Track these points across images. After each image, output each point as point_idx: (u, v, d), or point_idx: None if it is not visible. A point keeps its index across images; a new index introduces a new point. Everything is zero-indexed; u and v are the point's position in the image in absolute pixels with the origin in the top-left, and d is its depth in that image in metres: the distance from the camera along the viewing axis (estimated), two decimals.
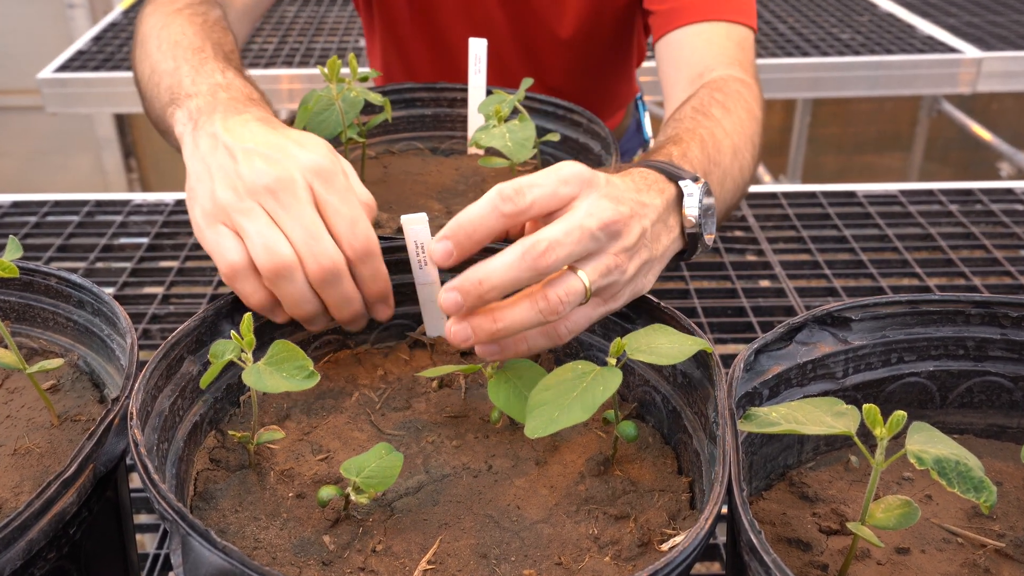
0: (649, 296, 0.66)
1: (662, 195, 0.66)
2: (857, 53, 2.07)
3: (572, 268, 0.58)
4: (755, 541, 0.46)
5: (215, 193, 0.64)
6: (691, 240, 0.68)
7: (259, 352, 0.58)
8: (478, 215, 0.57)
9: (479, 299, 0.56)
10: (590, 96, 1.29)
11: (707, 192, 0.69)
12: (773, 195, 1.35)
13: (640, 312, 0.66)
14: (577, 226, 0.57)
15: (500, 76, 1.23)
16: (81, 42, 2.21)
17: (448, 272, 0.71)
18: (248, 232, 0.62)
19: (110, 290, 1.11)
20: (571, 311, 0.59)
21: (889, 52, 2.08)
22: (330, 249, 0.62)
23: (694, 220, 0.67)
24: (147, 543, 1.11)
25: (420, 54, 1.27)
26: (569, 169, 0.60)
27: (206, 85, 0.75)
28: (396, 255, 0.71)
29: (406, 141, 1.08)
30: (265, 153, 0.64)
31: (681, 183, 0.68)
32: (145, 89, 0.87)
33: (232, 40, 0.92)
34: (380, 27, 1.28)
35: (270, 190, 0.62)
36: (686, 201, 0.67)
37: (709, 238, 0.69)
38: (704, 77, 0.95)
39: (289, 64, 2.08)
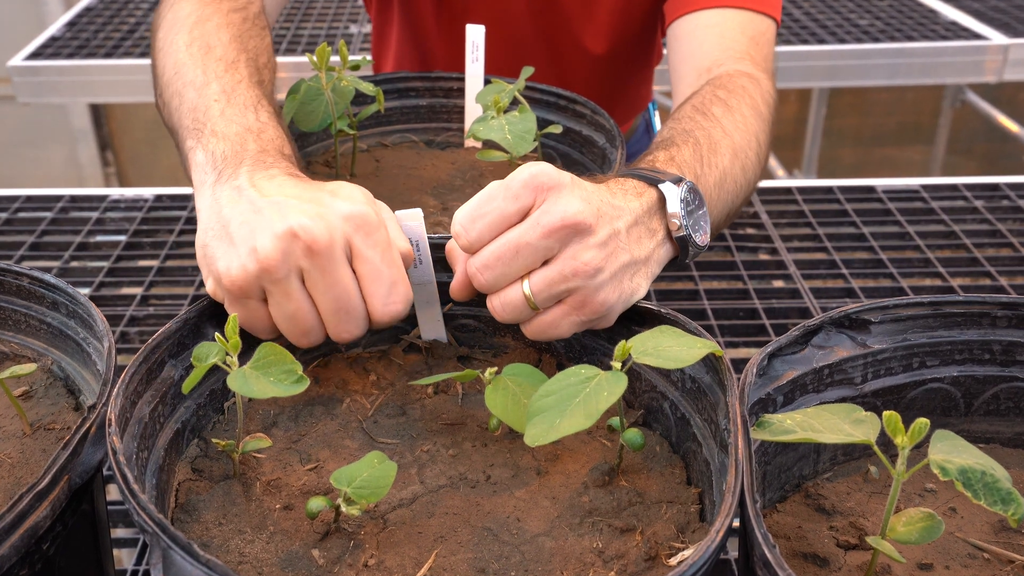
0: (651, 306, 0.66)
1: (640, 198, 0.67)
2: (876, 40, 2.08)
3: (524, 276, 0.62)
4: (769, 556, 0.46)
5: (243, 261, 0.60)
6: (681, 244, 0.69)
7: (245, 355, 0.58)
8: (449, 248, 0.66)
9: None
10: (611, 102, 1.29)
11: (692, 191, 0.69)
12: (787, 190, 1.35)
13: (645, 317, 0.66)
14: (511, 244, 0.61)
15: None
16: (54, 28, 2.21)
17: (443, 272, 0.71)
18: (278, 302, 0.61)
19: (86, 291, 1.12)
20: (531, 317, 0.64)
21: (910, 39, 2.08)
22: (356, 323, 0.62)
23: (679, 223, 0.68)
24: (125, 559, 1.10)
25: (443, 65, 1.27)
26: (521, 178, 0.61)
27: (235, 127, 0.72)
28: None
29: (400, 133, 1.08)
30: (297, 205, 0.61)
31: (660, 186, 0.68)
32: (164, 88, 0.84)
33: (268, 44, 0.90)
34: (399, 32, 1.28)
35: (307, 250, 0.59)
36: (668, 202, 0.68)
37: (703, 239, 0.70)
38: (712, 72, 0.95)
39: (276, 51, 2.08)
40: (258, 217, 0.61)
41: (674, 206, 0.68)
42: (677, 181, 0.69)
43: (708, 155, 0.78)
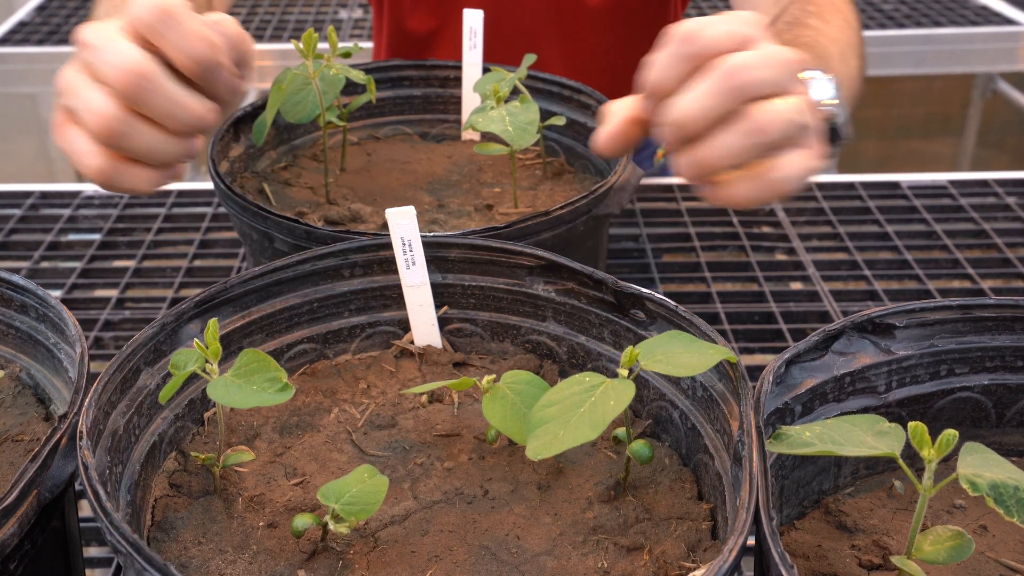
0: (665, 299, 0.66)
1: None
2: (901, 25, 2.08)
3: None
4: None
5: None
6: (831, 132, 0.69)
7: (226, 363, 0.58)
8: (658, 64, 0.59)
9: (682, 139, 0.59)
10: (630, 77, 1.30)
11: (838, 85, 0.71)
12: (806, 186, 1.35)
13: (655, 316, 0.66)
14: (769, 53, 0.58)
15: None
16: (23, 12, 2.21)
17: (437, 274, 0.71)
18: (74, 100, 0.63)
19: (57, 293, 1.12)
20: (783, 154, 0.59)
21: (938, 24, 2.08)
22: (123, 50, 0.62)
23: (830, 110, 0.68)
24: None
25: (433, 46, 1.27)
26: (745, 13, 0.60)
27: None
28: (381, 253, 0.71)
29: (392, 125, 1.08)
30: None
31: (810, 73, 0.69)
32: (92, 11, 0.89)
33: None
34: (390, 10, 1.29)
35: (84, 43, 0.63)
36: (821, 89, 0.69)
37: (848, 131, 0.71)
38: None
39: (260, 38, 2.09)
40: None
41: (828, 93, 0.69)
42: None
43: (818, 62, 0.80)
